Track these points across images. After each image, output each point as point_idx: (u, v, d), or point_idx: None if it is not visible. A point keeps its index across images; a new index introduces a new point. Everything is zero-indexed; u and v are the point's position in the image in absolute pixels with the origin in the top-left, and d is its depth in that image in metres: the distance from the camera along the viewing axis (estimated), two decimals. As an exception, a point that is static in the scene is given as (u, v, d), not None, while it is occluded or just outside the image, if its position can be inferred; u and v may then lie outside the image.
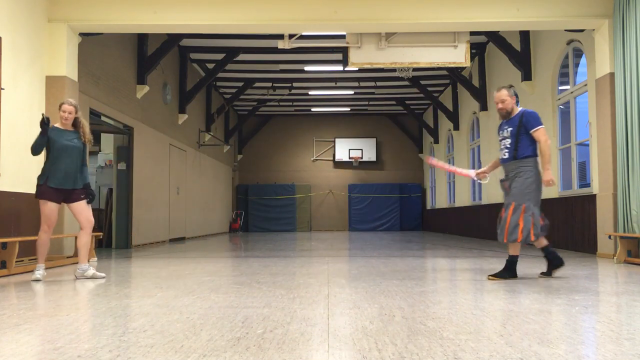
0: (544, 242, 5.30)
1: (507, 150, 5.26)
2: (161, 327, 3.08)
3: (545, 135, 5.14)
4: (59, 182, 5.50)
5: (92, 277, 5.58)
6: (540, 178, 5.14)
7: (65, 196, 5.59)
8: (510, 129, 5.22)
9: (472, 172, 5.83)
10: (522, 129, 5.16)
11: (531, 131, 5.13)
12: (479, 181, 5.80)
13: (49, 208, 5.47)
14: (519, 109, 5.31)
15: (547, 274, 5.44)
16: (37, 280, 5.40)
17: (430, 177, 21.91)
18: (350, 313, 3.51)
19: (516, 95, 5.37)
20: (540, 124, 5.17)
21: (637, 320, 3.35)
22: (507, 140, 5.25)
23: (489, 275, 5.35)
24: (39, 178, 5.54)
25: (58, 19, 7.90)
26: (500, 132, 5.38)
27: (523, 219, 5.06)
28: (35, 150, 5.57)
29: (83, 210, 5.65)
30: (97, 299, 4.18)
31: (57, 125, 5.69)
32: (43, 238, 5.52)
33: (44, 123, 5.53)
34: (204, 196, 17.18)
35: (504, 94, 5.27)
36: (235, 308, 3.73)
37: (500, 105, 5.30)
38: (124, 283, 5.31)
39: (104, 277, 5.63)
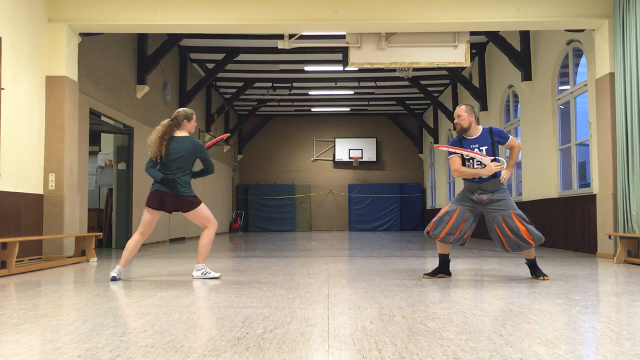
0: (448, 248, 5.51)
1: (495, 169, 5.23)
2: (161, 327, 3.08)
3: (519, 143, 5.47)
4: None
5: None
6: None
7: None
8: (485, 147, 5.23)
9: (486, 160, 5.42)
10: (496, 146, 5.23)
11: (506, 144, 5.29)
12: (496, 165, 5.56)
13: (205, 206, 5.69)
14: (480, 127, 5.34)
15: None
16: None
17: (430, 177, 21.91)
18: (350, 313, 3.51)
19: (476, 114, 5.44)
20: (509, 134, 5.42)
21: (637, 320, 3.34)
22: (485, 159, 5.22)
23: (541, 278, 5.23)
24: (189, 190, 5.56)
25: (58, 19, 7.90)
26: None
27: (529, 225, 5.12)
28: (210, 169, 5.73)
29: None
30: (97, 299, 4.18)
31: (186, 133, 5.57)
32: (212, 237, 5.67)
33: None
34: (204, 196, 17.10)
35: (461, 110, 5.36)
36: (235, 308, 3.73)
37: (456, 120, 5.38)
38: (124, 283, 5.31)
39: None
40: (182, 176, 5.43)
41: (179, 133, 5.48)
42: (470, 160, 5.28)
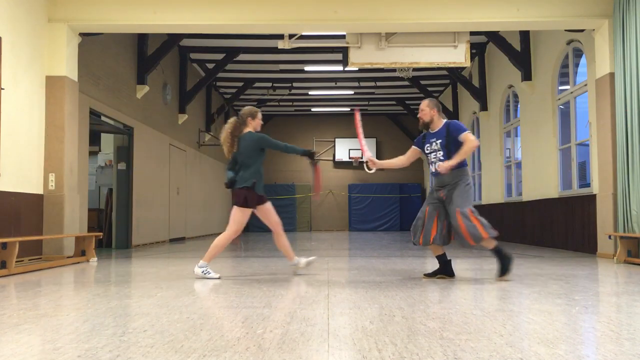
0: (441, 250, 5.39)
1: (440, 163, 5.27)
2: (161, 327, 3.08)
3: (474, 139, 5.20)
4: (261, 189, 5.49)
5: (307, 265, 5.77)
6: (471, 186, 5.27)
7: (258, 201, 5.54)
8: (439, 141, 5.28)
9: (367, 154, 5.71)
10: (450, 139, 5.22)
11: (460, 137, 5.19)
12: (366, 167, 5.66)
13: (247, 217, 5.47)
14: (443, 121, 5.38)
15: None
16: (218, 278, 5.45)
17: (430, 177, 21.90)
18: (350, 313, 3.51)
19: (438, 108, 5.44)
20: (466, 129, 5.27)
21: (637, 320, 3.35)
22: (439, 152, 5.29)
23: (498, 278, 5.19)
24: (244, 182, 5.38)
25: (58, 19, 7.90)
26: (427, 145, 5.41)
27: (476, 219, 5.04)
28: (287, 151, 5.67)
29: (271, 213, 5.63)
30: (97, 299, 4.18)
31: (250, 130, 5.57)
32: (227, 241, 5.52)
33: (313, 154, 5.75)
34: (204, 196, 17.18)
35: (424, 104, 5.41)
36: (235, 308, 3.73)
37: (419, 115, 5.45)
38: (124, 283, 5.31)
39: (315, 259, 5.83)
40: (244, 170, 5.42)
41: (245, 130, 5.55)
42: (429, 155, 5.40)
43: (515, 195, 12.56)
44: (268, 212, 5.61)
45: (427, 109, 5.37)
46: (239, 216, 5.44)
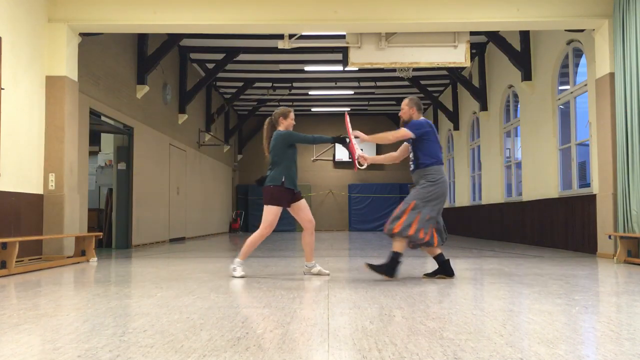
0: (436, 251, 5.33)
1: (411, 162, 5.36)
2: (161, 327, 3.08)
3: (399, 135, 5.24)
4: (292, 184, 5.49)
5: (318, 274, 5.67)
6: (443, 187, 5.21)
7: (291, 198, 5.55)
8: (411, 140, 5.33)
9: (358, 151, 5.67)
10: (416, 140, 5.26)
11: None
12: (358, 164, 5.64)
13: (277, 214, 5.46)
14: (421, 119, 5.40)
15: (432, 275, 5.38)
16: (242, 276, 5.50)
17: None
18: (350, 313, 3.51)
19: (418, 107, 5.43)
20: (410, 129, 5.23)
21: (637, 320, 3.35)
22: (411, 153, 5.35)
23: (367, 264, 5.23)
24: (271, 180, 5.45)
25: (58, 19, 7.90)
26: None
27: (408, 214, 5.05)
28: (315, 142, 5.71)
29: (304, 211, 5.63)
30: (97, 299, 4.18)
31: (282, 129, 5.64)
32: (258, 239, 5.52)
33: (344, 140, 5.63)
34: (204, 196, 17.17)
35: (404, 103, 5.45)
36: (235, 308, 3.73)
37: (399, 113, 5.49)
38: (124, 283, 5.31)
39: (328, 274, 5.68)
40: (274, 169, 5.51)
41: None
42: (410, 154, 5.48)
43: (515, 195, 12.56)
44: (301, 210, 5.62)
45: (406, 108, 5.42)
46: (267, 214, 5.47)
